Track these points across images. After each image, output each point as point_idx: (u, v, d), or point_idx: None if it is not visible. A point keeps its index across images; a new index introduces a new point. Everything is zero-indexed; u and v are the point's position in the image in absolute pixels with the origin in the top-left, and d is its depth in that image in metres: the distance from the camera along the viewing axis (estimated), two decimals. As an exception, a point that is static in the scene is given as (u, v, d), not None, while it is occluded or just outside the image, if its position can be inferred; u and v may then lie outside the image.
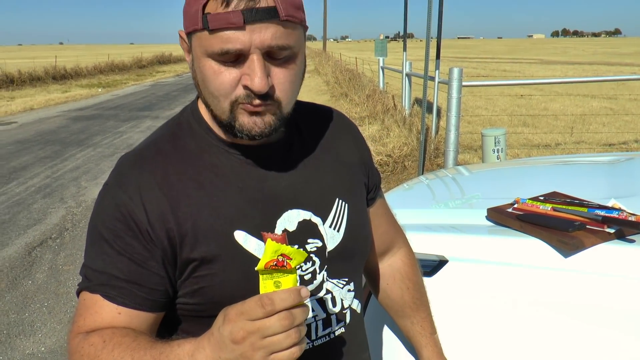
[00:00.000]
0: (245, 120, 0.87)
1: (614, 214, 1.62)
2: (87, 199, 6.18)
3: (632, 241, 1.52)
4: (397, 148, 7.60)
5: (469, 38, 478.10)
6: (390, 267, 1.30)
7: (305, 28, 0.91)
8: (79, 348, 0.86)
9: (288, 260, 0.74)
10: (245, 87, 0.84)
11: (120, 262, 0.89)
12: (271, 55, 0.84)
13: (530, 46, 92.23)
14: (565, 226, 1.56)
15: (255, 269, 0.75)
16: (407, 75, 10.35)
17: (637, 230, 1.53)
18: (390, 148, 7.61)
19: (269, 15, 0.80)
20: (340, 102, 13.96)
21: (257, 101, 0.85)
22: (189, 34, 0.87)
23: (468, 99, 14.26)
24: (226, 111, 0.87)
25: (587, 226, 1.59)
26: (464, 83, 6.56)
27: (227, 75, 0.84)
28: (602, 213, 1.63)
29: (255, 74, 0.82)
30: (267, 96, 0.85)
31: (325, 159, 1.07)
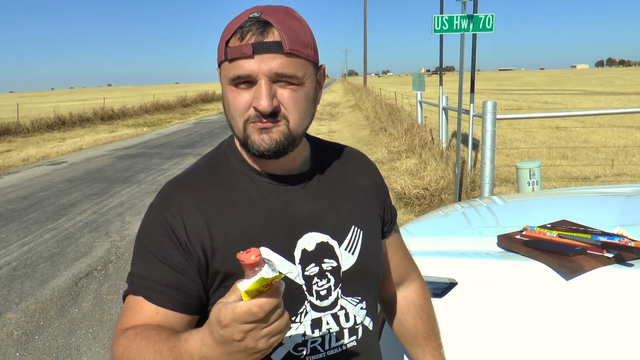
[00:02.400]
0: (255, 137, 1.02)
1: (615, 240, 1.70)
2: (131, 233, 6.46)
3: (631, 265, 1.60)
4: (433, 181, 7.66)
5: (510, 70, 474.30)
6: (405, 298, 1.41)
7: (317, 65, 1.08)
8: (117, 340, 1.01)
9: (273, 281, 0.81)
10: (255, 108, 1.00)
11: (162, 270, 1.03)
12: (278, 81, 1.00)
13: (574, 77, 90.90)
14: (567, 251, 1.65)
15: (239, 287, 0.81)
16: (443, 109, 10.44)
17: (634, 254, 1.61)
18: (427, 181, 7.68)
19: (275, 47, 0.97)
20: (380, 136, 14.09)
21: (264, 120, 1.01)
22: (219, 68, 1.05)
23: (506, 132, 14.21)
24: (241, 130, 1.03)
25: (588, 251, 1.67)
26: (498, 116, 6.63)
27: (241, 98, 1.00)
28: (603, 239, 1.72)
29: (261, 96, 0.97)
30: (275, 114, 1.01)
31: (344, 190, 1.21)
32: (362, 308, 1.19)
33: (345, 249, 1.16)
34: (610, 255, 1.63)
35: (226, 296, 0.85)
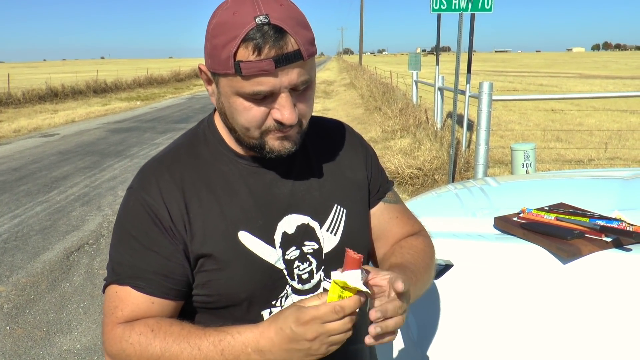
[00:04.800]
0: (275, 144, 1.00)
1: (613, 224, 1.68)
2: (124, 208, 6.40)
3: (629, 250, 1.59)
4: (427, 161, 7.64)
5: (506, 51, 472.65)
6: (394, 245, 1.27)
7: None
8: (125, 337, 0.97)
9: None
10: (277, 121, 0.96)
11: (148, 257, 0.99)
12: (295, 89, 0.96)
13: (570, 60, 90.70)
14: (565, 234, 1.64)
15: (333, 275, 0.89)
16: (439, 89, 10.39)
17: (633, 239, 1.60)
18: (421, 161, 7.65)
19: (295, 58, 0.91)
20: (374, 115, 14.03)
21: (286, 129, 0.98)
22: (215, 75, 0.97)
23: (501, 113, 14.18)
24: (256, 138, 1.00)
25: (586, 235, 1.66)
26: (494, 97, 6.60)
27: (257, 111, 0.95)
28: (601, 223, 1.70)
29: (285, 109, 0.94)
30: (294, 124, 0.98)
31: (326, 167, 1.17)
32: None
33: (327, 230, 1.12)
34: (609, 240, 1.62)
35: (303, 301, 0.90)
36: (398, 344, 1.69)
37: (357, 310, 0.89)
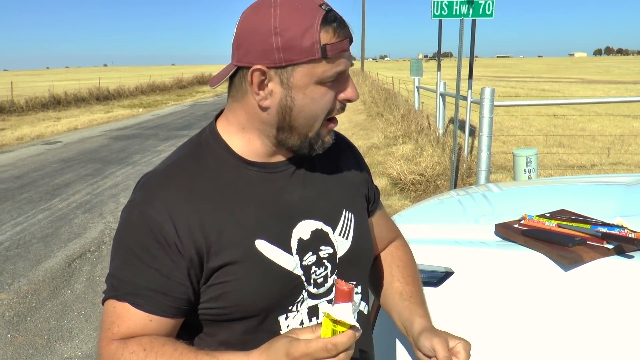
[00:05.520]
0: (327, 136, 1.07)
1: (615, 231, 1.67)
2: (126, 215, 6.41)
3: (631, 257, 1.57)
4: (429, 167, 7.64)
5: (508, 57, 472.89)
6: (382, 254, 1.37)
7: None
8: (118, 354, 0.95)
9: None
10: (343, 101, 1.03)
11: (147, 274, 0.97)
12: None
13: (572, 65, 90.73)
14: (566, 241, 1.63)
15: (324, 309, 0.91)
16: (441, 94, 10.40)
17: (635, 246, 1.58)
18: (423, 167, 7.65)
19: (352, 40, 1.01)
20: (376, 121, 14.04)
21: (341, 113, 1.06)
22: (284, 67, 0.96)
23: (504, 118, 14.18)
24: (317, 129, 1.04)
25: (588, 242, 1.65)
26: (496, 103, 6.59)
27: (330, 95, 1.01)
28: (603, 230, 1.69)
29: (352, 87, 1.03)
30: None
31: (332, 174, 1.18)
32: (357, 293, 1.17)
33: (340, 235, 1.13)
34: (610, 247, 1.61)
35: (295, 332, 0.87)
36: (399, 353, 1.68)
37: (353, 345, 0.86)
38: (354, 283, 1.15)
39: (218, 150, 1.07)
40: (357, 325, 0.84)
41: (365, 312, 1.20)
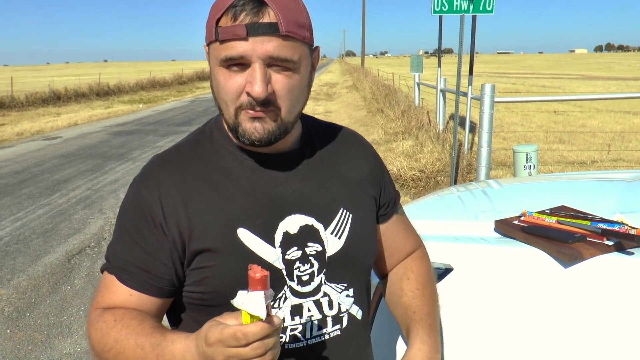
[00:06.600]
0: (247, 126, 0.98)
1: (615, 227, 1.67)
2: (125, 210, 6.41)
3: (631, 253, 1.57)
4: (430, 163, 7.63)
5: (509, 53, 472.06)
6: (399, 265, 1.33)
7: (311, 47, 1.02)
8: (94, 322, 1.00)
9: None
10: (248, 94, 0.94)
11: (134, 250, 1.01)
12: (273, 65, 0.95)
13: (572, 61, 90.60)
14: (566, 238, 1.62)
15: (233, 301, 0.82)
16: (441, 91, 10.38)
17: (635, 243, 1.58)
18: (423, 163, 7.64)
19: (271, 29, 0.91)
20: (377, 117, 14.03)
21: (258, 107, 0.95)
22: (208, 47, 0.99)
23: (504, 115, 14.16)
24: (232, 116, 0.98)
25: (588, 238, 1.64)
26: (496, 99, 6.57)
27: (234, 82, 0.95)
28: (603, 226, 1.69)
29: (255, 81, 0.92)
30: (268, 102, 0.95)
31: (334, 171, 1.16)
32: (348, 295, 1.14)
33: (332, 233, 1.10)
34: (610, 243, 1.60)
35: (223, 316, 0.85)
36: (398, 349, 1.68)
37: (274, 335, 0.83)
38: (345, 285, 1.13)
39: (218, 138, 1.10)
40: (265, 315, 0.79)
41: (359, 317, 1.17)
